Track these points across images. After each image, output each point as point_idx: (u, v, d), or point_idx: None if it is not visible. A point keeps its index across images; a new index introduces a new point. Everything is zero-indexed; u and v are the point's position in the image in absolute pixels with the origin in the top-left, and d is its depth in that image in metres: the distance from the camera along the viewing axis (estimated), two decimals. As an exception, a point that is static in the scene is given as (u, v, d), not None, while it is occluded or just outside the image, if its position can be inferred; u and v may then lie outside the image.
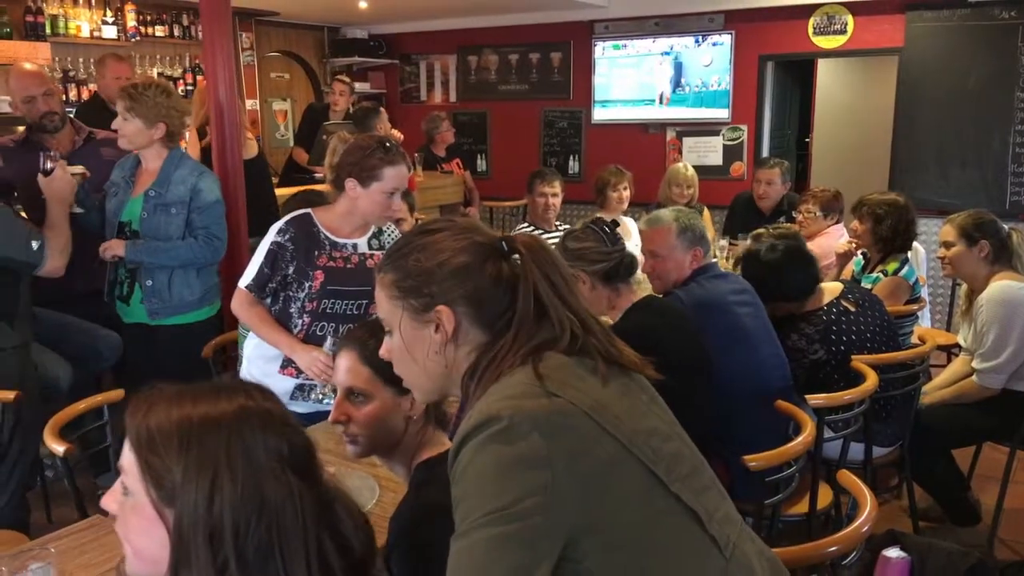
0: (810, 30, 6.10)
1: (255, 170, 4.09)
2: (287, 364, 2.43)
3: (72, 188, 2.98)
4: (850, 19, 5.96)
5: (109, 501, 0.99)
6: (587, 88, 6.97)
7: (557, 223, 4.24)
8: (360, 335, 1.46)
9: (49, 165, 2.93)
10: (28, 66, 3.52)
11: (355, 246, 2.45)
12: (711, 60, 6.48)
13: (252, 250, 3.77)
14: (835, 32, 6.03)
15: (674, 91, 6.65)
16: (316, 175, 5.37)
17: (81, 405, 2.32)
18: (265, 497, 0.93)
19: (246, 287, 2.44)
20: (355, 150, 2.37)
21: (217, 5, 3.77)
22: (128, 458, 0.95)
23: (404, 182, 2.38)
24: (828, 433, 2.49)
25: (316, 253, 2.39)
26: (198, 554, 0.92)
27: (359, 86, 7.98)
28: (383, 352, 1.20)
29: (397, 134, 5.86)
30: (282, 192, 4.61)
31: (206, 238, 3.06)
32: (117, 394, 2.36)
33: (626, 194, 4.49)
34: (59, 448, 2.06)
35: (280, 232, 2.39)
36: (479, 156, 7.61)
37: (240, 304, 2.46)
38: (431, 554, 1.20)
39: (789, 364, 2.64)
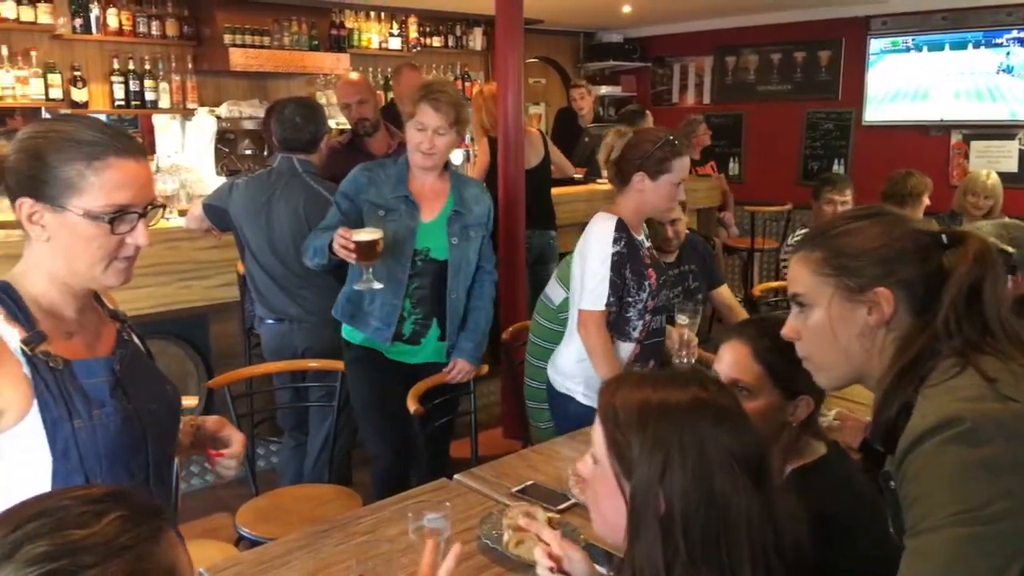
0: None
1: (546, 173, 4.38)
2: None
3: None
4: None
5: (582, 467, 1.10)
6: (858, 87, 6.57)
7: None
8: (752, 332, 1.48)
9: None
10: (353, 76, 3.94)
11: (642, 241, 2.50)
12: (1007, 56, 5.86)
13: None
14: None
15: (962, 90, 6.09)
16: (575, 176, 5.53)
17: (433, 379, 2.59)
18: (713, 489, 0.97)
19: (606, 306, 2.36)
20: (644, 144, 2.36)
21: (511, 18, 4.01)
22: (597, 431, 1.06)
23: (687, 172, 2.41)
24: None
25: (640, 252, 2.44)
26: (648, 530, 0.99)
27: (610, 89, 8.12)
28: (788, 331, 1.21)
29: (662, 137, 5.88)
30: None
31: (490, 269, 2.71)
32: (479, 369, 2.61)
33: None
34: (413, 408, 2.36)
35: (616, 240, 2.38)
36: (732, 159, 7.44)
37: (599, 327, 2.36)
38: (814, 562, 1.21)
39: None
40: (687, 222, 3.47)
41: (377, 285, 2.44)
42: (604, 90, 7.96)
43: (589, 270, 2.36)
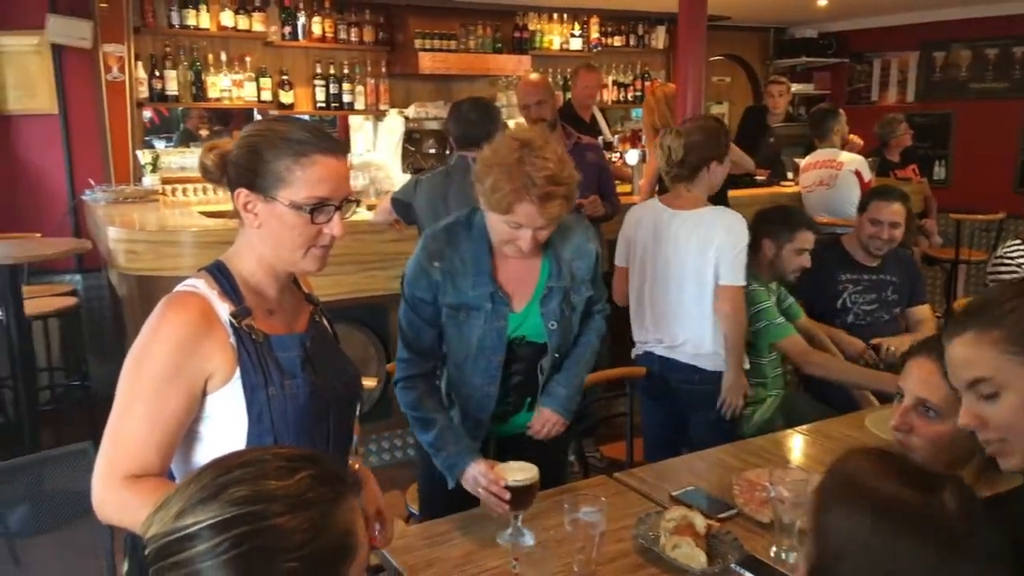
0: None
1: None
2: None
3: None
4: None
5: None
6: (1089, 84, 5.86)
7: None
8: (942, 349, 1.37)
9: None
10: (533, 77, 4.02)
11: None
12: None
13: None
14: None
15: None
16: (758, 177, 5.32)
17: (605, 373, 2.63)
18: None
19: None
20: (719, 132, 2.71)
21: (694, 15, 3.94)
22: None
23: None
24: None
25: None
26: None
27: (801, 87, 7.72)
28: (971, 421, 1.10)
29: (856, 139, 5.55)
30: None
31: (599, 309, 2.16)
32: (639, 370, 2.63)
33: None
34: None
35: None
36: (937, 162, 6.85)
37: (742, 303, 2.68)
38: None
39: None
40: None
41: (530, 541, 1.72)
42: (795, 88, 7.58)
43: (729, 256, 2.61)
